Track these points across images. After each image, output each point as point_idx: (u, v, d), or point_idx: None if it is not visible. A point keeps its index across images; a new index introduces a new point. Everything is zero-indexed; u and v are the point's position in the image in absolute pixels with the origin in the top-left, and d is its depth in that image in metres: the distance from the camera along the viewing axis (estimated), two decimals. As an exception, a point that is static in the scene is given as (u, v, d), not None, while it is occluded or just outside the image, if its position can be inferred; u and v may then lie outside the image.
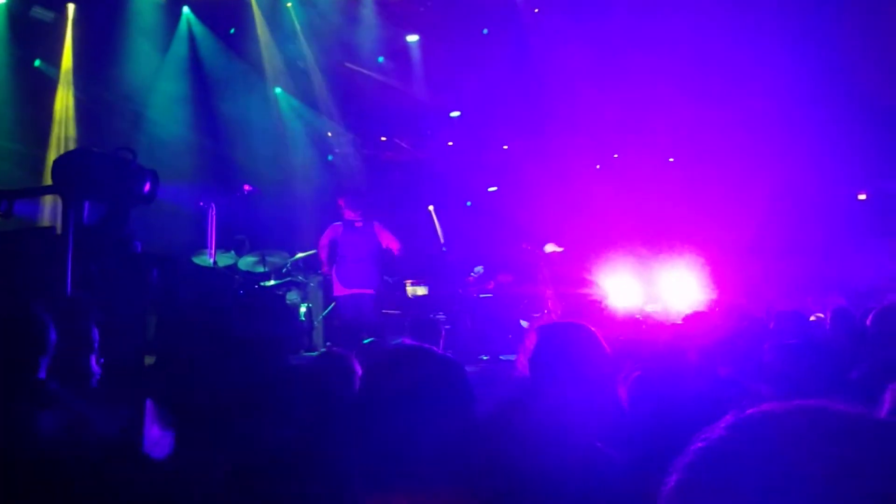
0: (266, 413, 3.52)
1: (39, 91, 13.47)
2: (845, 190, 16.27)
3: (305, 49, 15.46)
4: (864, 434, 0.95)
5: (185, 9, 14.72)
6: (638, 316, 10.42)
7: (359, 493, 2.03)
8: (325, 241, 11.29)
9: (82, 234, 5.39)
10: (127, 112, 13.59)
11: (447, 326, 13.14)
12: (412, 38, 15.89)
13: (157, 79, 14.20)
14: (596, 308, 11.79)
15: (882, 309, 4.53)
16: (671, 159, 16.57)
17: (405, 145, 17.62)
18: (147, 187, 6.03)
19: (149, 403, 4.58)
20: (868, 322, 4.51)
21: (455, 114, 16.89)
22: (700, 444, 1.02)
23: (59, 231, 5.56)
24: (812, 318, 8.06)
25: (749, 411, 1.03)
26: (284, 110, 16.10)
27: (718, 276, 12.39)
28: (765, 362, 4.70)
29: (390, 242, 11.39)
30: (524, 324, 13.53)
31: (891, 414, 2.07)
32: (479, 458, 2.15)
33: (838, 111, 14.11)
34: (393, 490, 1.96)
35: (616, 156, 17.01)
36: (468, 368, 2.64)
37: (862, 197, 16.60)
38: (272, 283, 11.55)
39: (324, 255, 11.31)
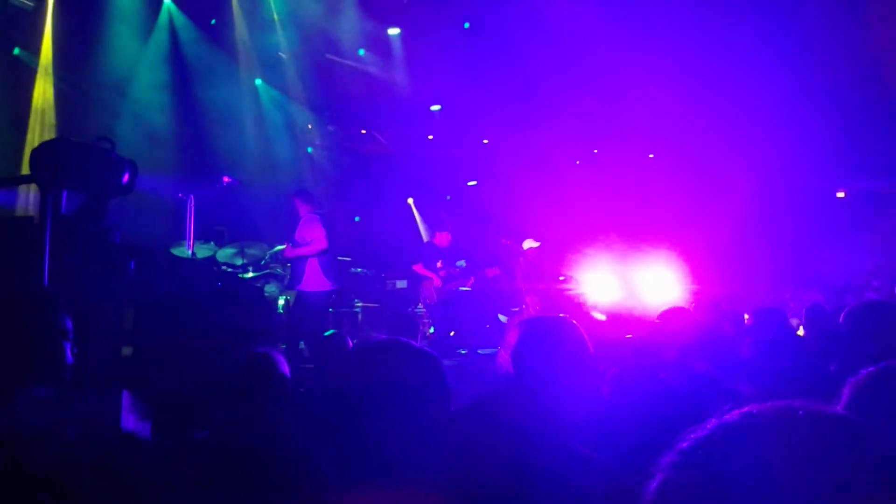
0: (240, 403, 3.51)
1: (18, 79, 13.32)
2: (824, 187, 16.39)
3: (286, 40, 15.38)
4: (841, 432, 0.96)
5: (166, -2, 14.64)
6: (616, 311, 10.46)
7: (333, 486, 2.02)
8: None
9: (60, 225, 5.35)
10: (107, 102, 13.47)
11: (425, 320, 13.22)
12: (393, 32, 15.82)
13: (138, 68, 14.09)
14: (573, 303, 11.84)
15: (854, 307, 4.58)
16: (651, 155, 16.64)
17: (383, 139, 17.60)
18: (126, 177, 5.98)
19: (125, 394, 4.56)
20: (841, 320, 4.55)
21: (436, 107, 16.86)
22: (685, 445, 1.03)
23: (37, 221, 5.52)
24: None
25: (733, 413, 1.04)
26: (265, 102, 16.03)
27: (696, 272, 12.43)
28: (743, 358, 4.72)
29: None
30: (502, 318, 13.56)
31: (847, 408, 2.11)
32: (457, 453, 2.15)
33: (818, 109, 14.19)
34: (368, 484, 1.96)
35: (596, 151, 17.07)
36: (446, 362, 2.64)
37: (840, 194, 16.73)
38: (250, 274, 11.49)
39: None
